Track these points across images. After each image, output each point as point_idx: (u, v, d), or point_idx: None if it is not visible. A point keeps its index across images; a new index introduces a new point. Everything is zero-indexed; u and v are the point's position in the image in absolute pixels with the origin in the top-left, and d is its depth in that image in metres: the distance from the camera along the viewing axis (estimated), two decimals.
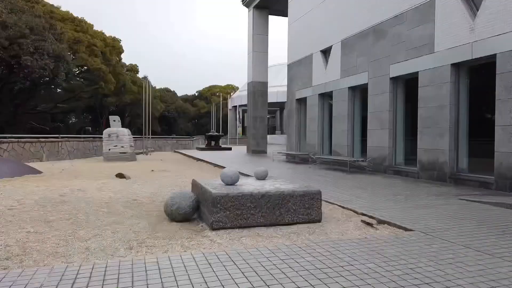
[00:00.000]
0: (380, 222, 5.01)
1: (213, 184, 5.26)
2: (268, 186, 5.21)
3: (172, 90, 68.94)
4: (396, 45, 10.56)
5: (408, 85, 10.77)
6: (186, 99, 71.74)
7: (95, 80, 30.77)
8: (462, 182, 8.55)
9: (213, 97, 58.33)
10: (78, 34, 28.88)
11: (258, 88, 22.57)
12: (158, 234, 4.45)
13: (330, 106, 14.40)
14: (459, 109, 8.91)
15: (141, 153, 24.39)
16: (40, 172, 11.12)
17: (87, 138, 20.45)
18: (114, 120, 18.13)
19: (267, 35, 22.71)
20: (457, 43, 8.64)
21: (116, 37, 33.46)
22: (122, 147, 17.79)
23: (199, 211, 5.21)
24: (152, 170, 12.37)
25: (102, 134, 17.63)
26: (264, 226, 4.71)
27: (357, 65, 12.39)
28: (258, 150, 22.25)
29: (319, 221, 4.97)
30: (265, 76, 22.74)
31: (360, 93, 12.87)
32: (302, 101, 16.80)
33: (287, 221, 4.81)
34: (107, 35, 32.77)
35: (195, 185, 5.66)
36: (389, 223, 4.88)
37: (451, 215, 5.34)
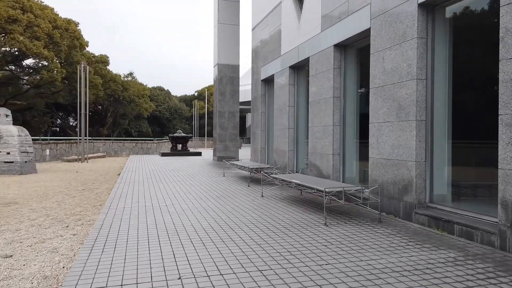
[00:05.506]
0: None
1: None
2: None
3: (166, 89, 63.78)
4: None
5: (460, 22, 4.77)
6: (184, 99, 66.43)
7: (37, 69, 25.13)
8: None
9: (212, 96, 52.90)
10: (15, 12, 23.35)
11: (225, 73, 16.64)
12: None
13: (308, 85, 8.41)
14: None
15: (77, 160, 18.66)
16: None
17: None
18: None
19: (238, 2, 16.78)
20: None
21: (72, 19, 27.83)
22: (8, 153, 12.04)
23: None
24: None
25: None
26: None
27: None
28: (225, 156, 16.28)
29: None
30: (236, 58, 16.79)
31: (356, 55, 6.88)
32: (269, 83, 10.85)
33: None
34: (63, 16, 27.25)
35: None
36: None
37: None
